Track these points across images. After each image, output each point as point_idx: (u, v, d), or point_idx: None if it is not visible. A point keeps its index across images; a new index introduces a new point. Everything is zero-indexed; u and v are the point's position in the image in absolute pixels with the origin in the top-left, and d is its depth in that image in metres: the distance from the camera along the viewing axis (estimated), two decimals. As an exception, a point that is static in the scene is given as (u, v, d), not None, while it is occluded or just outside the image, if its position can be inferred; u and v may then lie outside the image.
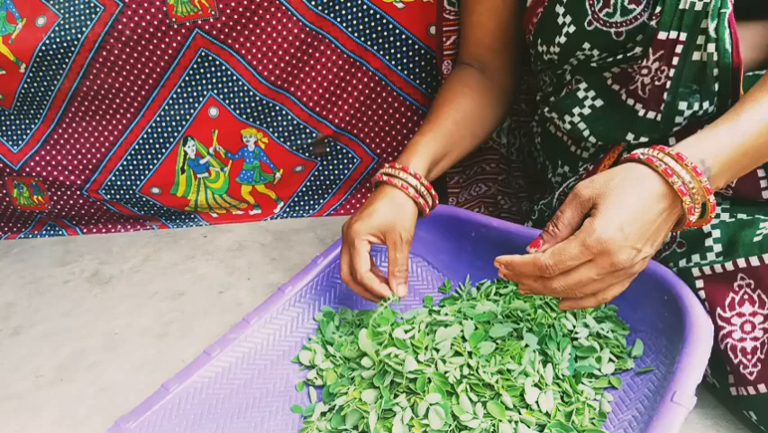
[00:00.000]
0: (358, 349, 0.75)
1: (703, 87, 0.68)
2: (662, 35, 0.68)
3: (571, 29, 0.74)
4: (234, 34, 1.06)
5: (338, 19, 1.04)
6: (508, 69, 0.90)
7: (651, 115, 0.72)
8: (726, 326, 0.65)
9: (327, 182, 1.21)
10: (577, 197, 0.60)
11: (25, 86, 1.10)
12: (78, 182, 1.19)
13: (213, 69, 1.09)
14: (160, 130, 1.15)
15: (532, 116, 0.98)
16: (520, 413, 0.63)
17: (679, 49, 0.68)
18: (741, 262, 0.65)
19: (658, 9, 0.68)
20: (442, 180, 1.06)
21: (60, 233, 1.26)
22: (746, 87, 0.67)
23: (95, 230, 1.26)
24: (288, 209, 1.23)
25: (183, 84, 1.11)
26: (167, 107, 1.13)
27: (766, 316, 0.63)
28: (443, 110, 0.87)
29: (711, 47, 0.66)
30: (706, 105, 0.69)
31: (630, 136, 0.74)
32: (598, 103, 0.77)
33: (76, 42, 1.05)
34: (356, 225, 0.77)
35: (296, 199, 1.23)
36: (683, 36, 0.67)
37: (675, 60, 0.68)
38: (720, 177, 0.59)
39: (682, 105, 0.69)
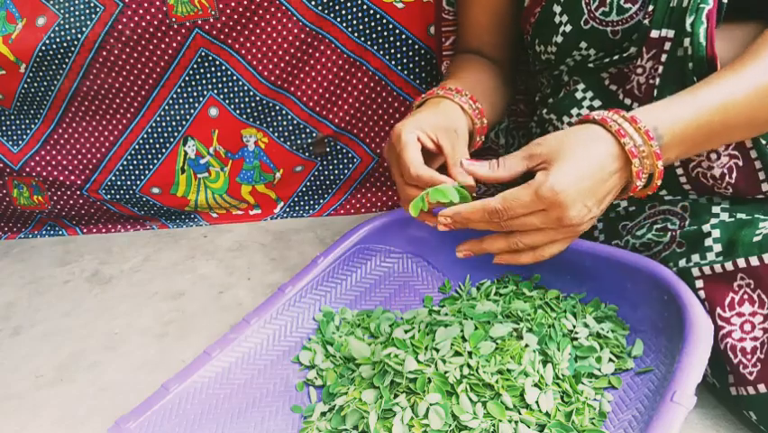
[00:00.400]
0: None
1: (686, 82, 0.68)
2: (654, 33, 0.68)
3: (568, 28, 0.74)
4: (234, 34, 1.06)
5: (338, 19, 1.04)
6: (509, 64, 0.90)
7: None
8: (726, 325, 0.65)
9: (327, 182, 1.21)
10: (527, 150, 0.59)
11: (25, 86, 1.10)
12: (79, 182, 1.19)
13: (213, 68, 1.09)
14: (160, 130, 1.15)
15: (530, 117, 0.98)
16: (520, 413, 0.63)
17: (668, 46, 0.68)
18: (741, 262, 0.65)
19: (651, 8, 0.68)
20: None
21: (60, 233, 1.26)
22: None
23: (95, 230, 1.26)
24: (288, 209, 1.23)
25: (183, 84, 1.11)
26: (167, 107, 1.13)
27: (766, 316, 0.63)
28: (458, 74, 0.82)
29: (687, 41, 0.66)
30: None
31: None
32: (596, 103, 0.77)
33: (76, 42, 1.05)
34: (401, 124, 0.67)
35: (296, 199, 1.23)
36: (671, 33, 0.67)
37: (663, 58, 0.69)
38: (672, 148, 0.59)
39: None
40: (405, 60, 1.07)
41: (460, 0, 0.89)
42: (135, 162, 1.18)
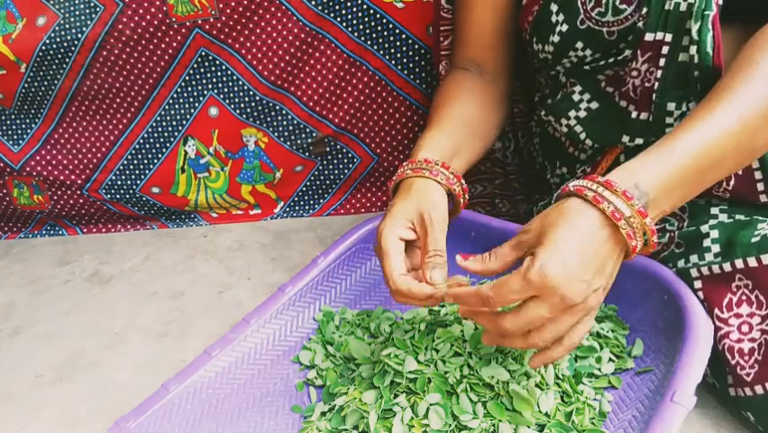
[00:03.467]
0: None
1: (688, 88, 0.68)
2: (648, 36, 0.68)
3: (564, 27, 0.74)
4: (234, 34, 1.06)
5: (338, 19, 1.04)
6: (505, 71, 0.88)
7: (643, 116, 0.72)
8: (724, 327, 0.65)
9: (327, 182, 1.21)
10: (515, 239, 0.59)
11: (26, 85, 1.10)
12: (79, 182, 1.19)
13: (213, 68, 1.09)
14: (160, 129, 1.15)
15: (530, 117, 0.98)
16: (520, 413, 0.63)
17: (665, 50, 0.68)
18: (739, 263, 0.65)
19: (645, 10, 0.68)
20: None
21: (60, 233, 1.26)
22: None
23: (95, 230, 1.26)
24: (288, 209, 1.23)
25: (183, 84, 1.11)
26: (167, 107, 1.13)
27: (764, 317, 0.63)
28: (444, 110, 0.82)
29: (693, 49, 0.66)
30: (693, 104, 0.69)
31: (625, 138, 0.74)
32: (594, 105, 0.77)
33: (76, 42, 1.05)
34: (380, 226, 0.68)
35: (296, 199, 1.23)
36: (668, 37, 0.67)
37: (662, 62, 0.68)
38: (663, 200, 0.57)
39: (671, 106, 0.69)
40: (405, 60, 1.07)
41: (459, 1, 0.87)
42: (135, 162, 1.18)
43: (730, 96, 0.59)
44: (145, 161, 1.18)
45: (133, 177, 1.19)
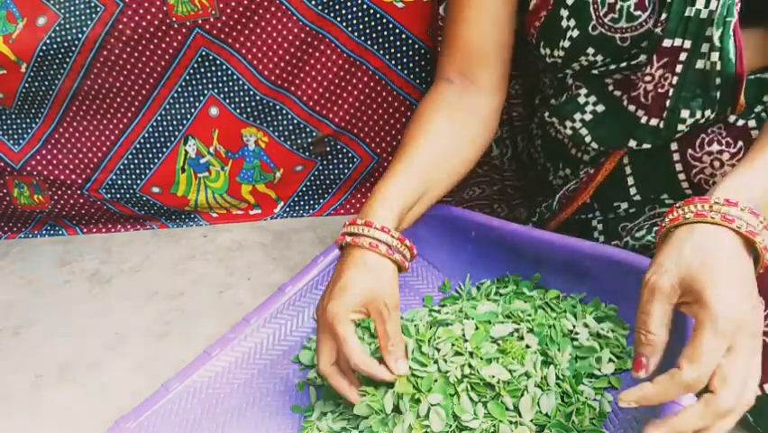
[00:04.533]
0: None
1: (705, 95, 0.68)
2: (666, 43, 0.67)
3: (575, 33, 0.72)
4: (235, 34, 1.06)
5: (338, 18, 1.04)
6: (497, 84, 0.80)
7: (653, 122, 0.71)
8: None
9: (327, 182, 1.21)
10: (657, 290, 0.54)
11: (26, 85, 1.10)
12: (79, 181, 1.19)
13: (213, 68, 1.09)
14: (160, 129, 1.15)
15: (529, 120, 0.97)
16: (520, 414, 0.63)
17: (683, 56, 0.67)
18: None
19: (664, 16, 0.67)
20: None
21: (60, 232, 1.26)
22: (747, 91, 0.66)
23: (95, 230, 1.26)
24: (288, 209, 1.23)
25: (183, 83, 1.11)
26: (167, 107, 1.13)
27: (764, 317, 0.62)
28: (417, 143, 0.76)
29: (715, 56, 0.65)
30: (708, 112, 0.68)
31: (633, 143, 0.74)
32: (600, 108, 0.77)
33: (76, 42, 1.05)
34: (331, 307, 0.63)
35: (296, 199, 1.23)
36: (687, 44, 0.66)
37: (679, 68, 0.68)
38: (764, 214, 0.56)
39: (685, 113, 0.69)
40: (405, 60, 1.07)
41: (451, 3, 0.80)
42: (136, 162, 1.18)
43: None
44: (145, 161, 1.18)
45: (134, 176, 1.19)
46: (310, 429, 0.68)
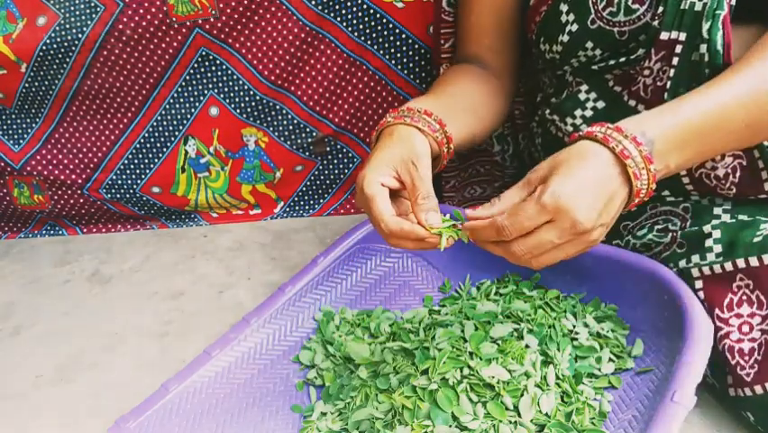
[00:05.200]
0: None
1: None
2: (664, 35, 0.68)
3: (574, 27, 0.74)
4: (235, 34, 1.06)
5: (338, 18, 1.04)
6: (508, 71, 0.88)
7: None
8: (725, 327, 0.65)
9: (327, 182, 1.21)
10: (523, 180, 0.60)
11: (26, 85, 1.10)
12: (79, 181, 1.19)
13: (213, 68, 1.09)
14: (160, 129, 1.15)
15: (530, 118, 0.98)
16: (520, 414, 0.63)
17: (678, 49, 0.68)
18: (740, 263, 0.65)
19: (660, 9, 0.68)
20: (437, 185, 1.05)
21: (60, 232, 1.26)
22: None
23: (95, 230, 1.26)
24: (288, 209, 1.23)
25: (183, 83, 1.11)
26: (167, 107, 1.13)
27: (764, 317, 0.63)
28: (437, 87, 0.83)
29: (704, 48, 0.66)
30: None
31: None
32: (600, 105, 0.77)
33: (77, 42, 1.05)
34: (362, 174, 0.66)
35: (296, 199, 1.23)
36: (683, 36, 0.67)
37: (675, 61, 0.68)
38: (668, 154, 0.59)
39: None
40: (405, 60, 1.07)
41: (461, 1, 0.87)
42: (136, 162, 1.18)
43: (746, 70, 0.60)
44: (146, 161, 1.18)
45: (134, 176, 1.19)
46: (310, 429, 0.68)
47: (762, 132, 0.63)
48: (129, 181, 1.19)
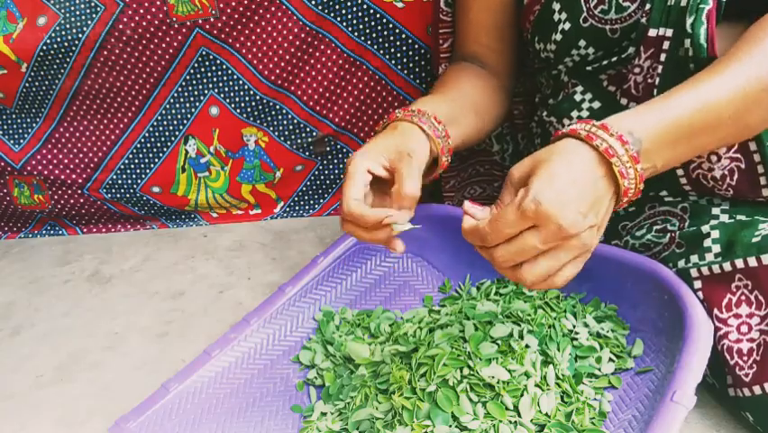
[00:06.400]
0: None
1: None
2: (651, 32, 0.68)
3: (567, 26, 0.74)
4: (235, 33, 1.06)
5: (338, 18, 1.04)
6: (507, 69, 0.89)
7: None
8: (723, 327, 0.65)
9: (327, 182, 1.21)
10: (509, 179, 0.58)
11: (27, 85, 1.10)
12: (80, 181, 1.19)
13: (213, 68, 1.09)
14: (161, 129, 1.15)
15: (530, 118, 0.98)
16: (520, 414, 0.63)
17: (666, 45, 0.68)
18: (739, 263, 0.65)
19: (648, 6, 0.68)
20: (437, 184, 1.06)
21: (60, 232, 1.26)
22: None
23: (95, 230, 1.26)
24: (288, 209, 1.23)
25: (184, 83, 1.11)
26: (168, 106, 1.13)
27: (763, 317, 0.63)
28: (447, 84, 0.83)
29: (687, 42, 0.66)
30: None
31: None
32: (596, 105, 0.77)
33: (77, 42, 1.05)
34: (352, 156, 0.66)
35: (296, 199, 1.23)
36: (669, 32, 0.67)
37: (663, 57, 0.68)
38: (655, 153, 0.57)
39: None
40: (405, 60, 1.07)
41: (459, 1, 0.87)
42: (136, 161, 1.18)
43: (733, 65, 0.59)
44: (146, 161, 1.18)
45: (134, 176, 1.19)
46: (310, 429, 0.68)
47: (748, 128, 0.62)
48: (129, 181, 1.19)
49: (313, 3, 1.03)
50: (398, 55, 1.06)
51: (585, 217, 0.54)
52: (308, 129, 1.14)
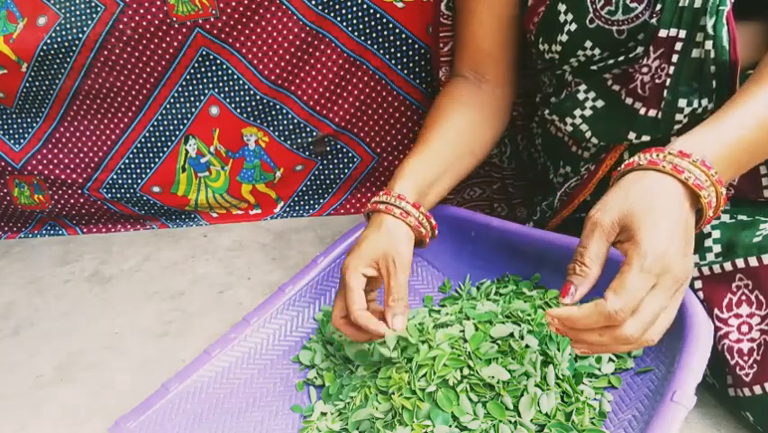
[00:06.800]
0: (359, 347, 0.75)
1: (702, 85, 0.68)
2: (662, 33, 0.68)
3: (573, 27, 0.73)
4: (235, 33, 1.06)
5: (338, 18, 1.04)
6: (507, 78, 0.87)
7: (651, 113, 0.72)
8: (724, 327, 0.65)
9: (327, 181, 1.21)
10: (598, 226, 0.54)
11: (27, 85, 1.10)
12: (80, 181, 1.19)
13: (213, 68, 1.09)
14: (161, 129, 1.15)
15: (530, 119, 0.98)
16: (520, 414, 0.63)
17: (678, 46, 0.67)
18: (740, 263, 0.65)
19: (658, 7, 0.67)
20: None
21: (60, 232, 1.26)
22: (742, 85, 0.66)
23: (95, 230, 1.26)
24: (288, 209, 1.23)
25: (184, 83, 1.11)
26: (168, 106, 1.13)
27: (763, 317, 0.63)
28: (434, 130, 0.82)
29: (709, 44, 0.65)
30: (705, 102, 0.68)
31: (632, 135, 0.74)
32: (599, 104, 0.77)
33: (77, 42, 1.05)
34: (347, 261, 0.71)
35: (296, 199, 1.23)
36: (683, 33, 0.67)
37: (675, 58, 0.68)
38: (724, 173, 0.57)
39: (682, 103, 0.69)
40: (405, 60, 1.07)
41: (460, 6, 0.86)
42: (136, 161, 1.18)
43: None
44: (146, 161, 1.18)
45: (134, 176, 1.19)
46: (310, 429, 0.68)
47: None
48: (129, 181, 1.19)
49: (313, 3, 1.03)
50: (398, 55, 1.06)
51: (690, 257, 0.54)
52: (308, 129, 1.14)
